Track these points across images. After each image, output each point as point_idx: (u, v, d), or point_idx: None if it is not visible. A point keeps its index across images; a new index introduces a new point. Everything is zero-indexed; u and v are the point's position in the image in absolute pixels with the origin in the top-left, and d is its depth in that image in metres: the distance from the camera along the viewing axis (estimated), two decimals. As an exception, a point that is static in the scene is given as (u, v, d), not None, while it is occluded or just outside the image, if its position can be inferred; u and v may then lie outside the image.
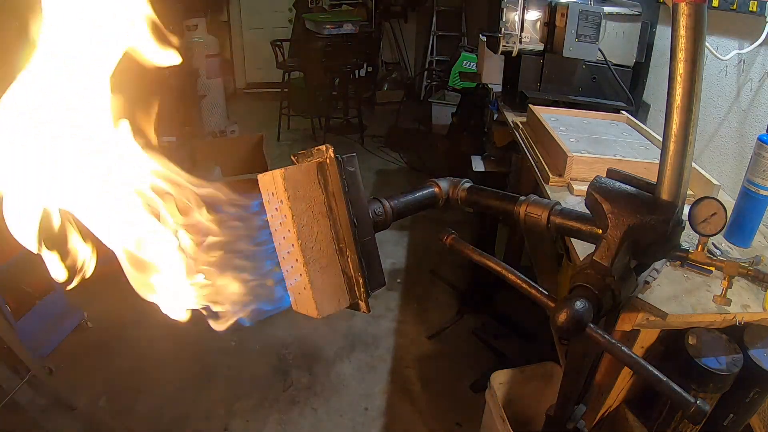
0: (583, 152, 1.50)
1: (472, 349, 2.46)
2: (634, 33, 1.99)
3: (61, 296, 2.46)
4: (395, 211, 0.77)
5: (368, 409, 2.13)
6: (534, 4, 1.96)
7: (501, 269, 0.79)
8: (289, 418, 2.07)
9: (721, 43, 1.60)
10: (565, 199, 1.42)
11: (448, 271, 3.06)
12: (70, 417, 2.03)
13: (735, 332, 1.07)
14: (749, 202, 1.17)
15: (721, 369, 1.00)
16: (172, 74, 3.98)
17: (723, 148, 1.61)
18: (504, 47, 2.01)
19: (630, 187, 0.71)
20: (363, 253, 0.66)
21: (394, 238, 3.43)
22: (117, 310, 2.67)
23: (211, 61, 4.96)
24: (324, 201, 0.65)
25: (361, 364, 2.36)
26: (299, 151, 0.67)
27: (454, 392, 2.20)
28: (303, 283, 0.63)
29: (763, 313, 1.00)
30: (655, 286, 1.03)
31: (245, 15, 6.74)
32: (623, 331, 1.08)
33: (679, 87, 0.61)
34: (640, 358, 0.64)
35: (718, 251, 1.16)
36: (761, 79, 1.43)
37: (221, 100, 5.24)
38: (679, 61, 0.60)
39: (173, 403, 2.13)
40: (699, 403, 0.60)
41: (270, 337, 2.51)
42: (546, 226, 0.76)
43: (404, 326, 2.61)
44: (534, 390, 1.74)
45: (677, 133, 0.63)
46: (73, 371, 2.27)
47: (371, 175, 4.50)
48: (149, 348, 2.43)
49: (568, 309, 0.64)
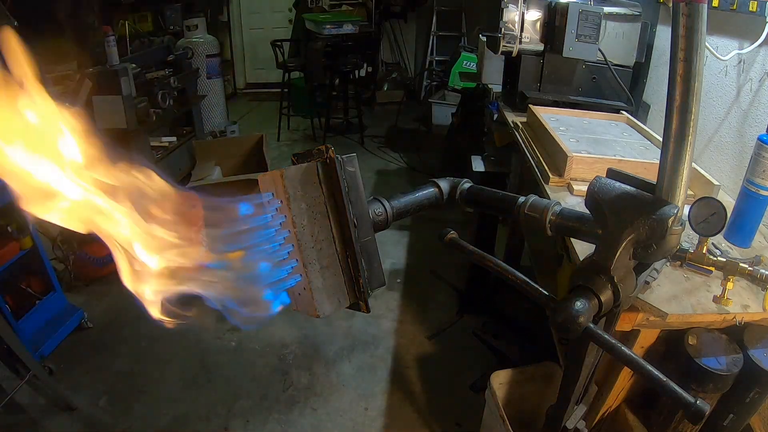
0: (583, 152, 1.50)
1: (472, 349, 2.46)
2: (634, 33, 1.99)
3: (61, 296, 2.47)
4: (395, 211, 0.77)
5: (368, 409, 2.13)
6: (534, 4, 1.96)
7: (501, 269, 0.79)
8: (289, 418, 2.07)
9: (721, 43, 1.60)
10: (565, 199, 1.42)
11: (448, 271, 3.06)
12: (70, 417, 2.03)
13: (735, 332, 1.07)
14: (749, 202, 1.17)
15: (721, 369, 1.00)
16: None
17: (723, 148, 1.61)
18: (504, 47, 2.01)
19: (630, 187, 0.71)
20: (363, 253, 0.67)
21: (394, 238, 3.43)
22: (117, 310, 2.68)
23: (211, 61, 4.96)
24: (324, 201, 0.65)
25: (361, 364, 2.36)
26: (299, 151, 0.67)
27: (454, 392, 2.20)
28: (303, 283, 0.63)
29: (763, 313, 1.00)
30: (655, 286, 1.03)
31: (245, 15, 6.74)
32: (623, 331, 1.08)
33: (679, 87, 0.61)
34: (640, 358, 0.64)
35: (718, 251, 1.16)
36: (761, 79, 1.43)
37: (221, 100, 5.24)
38: (679, 61, 0.60)
39: (173, 403, 2.13)
40: (699, 403, 0.60)
41: (270, 337, 2.51)
42: (546, 226, 0.76)
43: (404, 326, 2.61)
44: (534, 390, 1.74)
45: (677, 133, 0.63)
46: (73, 371, 2.27)
47: (371, 175, 4.50)
48: (149, 348, 2.43)
49: (568, 309, 0.64)
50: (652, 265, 0.82)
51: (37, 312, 2.30)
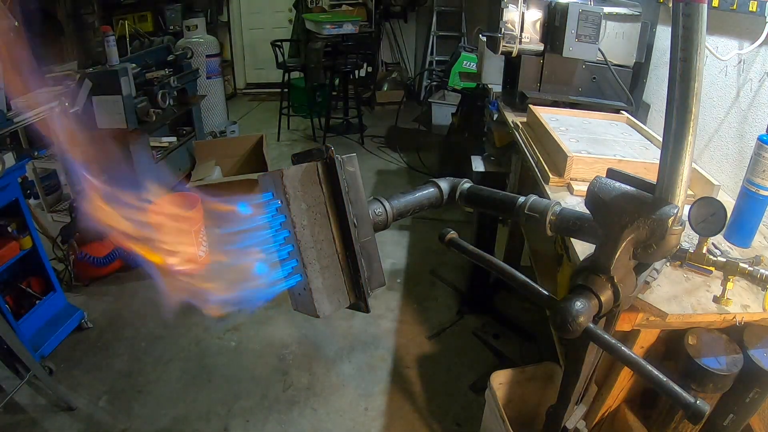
0: (583, 152, 1.50)
1: (472, 349, 2.46)
2: (634, 33, 1.98)
3: (61, 296, 2.47)
4: (395, 211, 0.77)
5: (368, 409, 2.13)
6: (534, 4, 1.96)
7: (501, 269, 0.79)
8: (289, 418, 2.07)
9: (721, 43, 1.60)
10: (565, 199, 1.42)
11: (448, 271, 3.07)
12: (70, 417, 2.03)
13: (735, 332, 1.07)
14: (749, 202, 1.17)
15: (721, 369, 1.00)
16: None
17: (723, 148, 1.61)
18: (504, 47, 2.01)
19: (630, 187, 0.71)
20: (363, 253, 0.67)
21: (394, 238, 3.43)
22: (117, 310, 2.68)
23: (211, 61, 4.96)
24: (324, 201, 0.65)
25: (361, 364, 2.36)
26: (299, 151, 0.67)
27: (454, 392, 2.20)
28: (303, 284, 0.63)
29: (763, 313, 1.00)
30: (655, 286, 1.03)
31: (245, 15, 6.74)
32: (623, 331, 1.08)
33: (678, 87, 0.61)
34: (640, 358, 0.64)
35: (718, 251, 1.16)
36: (761, 79, 1.43)
37: (221, 100, 5.24)
38: (679, 61, 0.60)
39: (173, 403, 2.13)
40: (699, 403, 0.60)
41: (270, 337, 2.51)
42: (546, 226, 0.76)
43: (404, 326, 2.61)
44: (534, 390, 1.74)
45: (677, 133, 0.63)
46: (73, 371, 2.27)
47: (371, 175, 4.50)
48: (149, 348, 2.43)
49: (568, 309, 0.64)
50: (652, 265, 0.82)
51: (37, 312, 2.30)
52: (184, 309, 2.64)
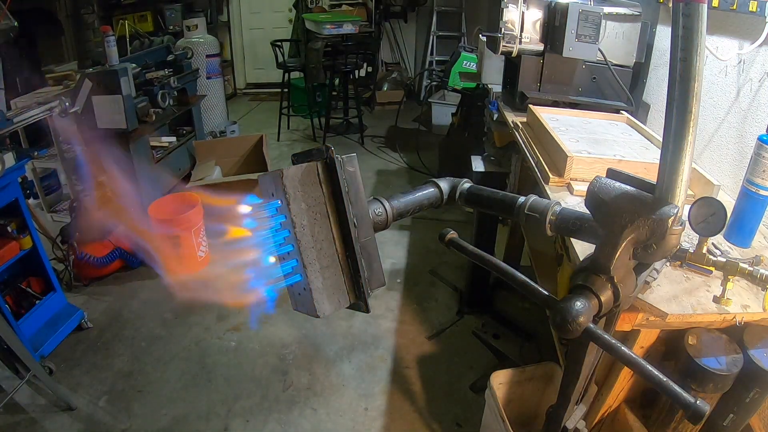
0: (583, 152, 1.50)
1: (472, 349, 2.46)
2: (634, 33, 1.98)
3: (61, 296, 2.47)
4: (395, 211, 0.77)
5: (368, 409, 2.13)
6: (534, 4, 1.96)
7: (501, 269, 0.79)
8: (289, 418, 2.07)
9: (721, 43, 1.60)
10: (565, 199, 1.42)
11: (448, 271, 3.06)
12: (70, 417, 2.03)
13: (735, 332, 1.07)
14: (749, 202, 1.17)
15: (721, 369, 1.00)
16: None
17: (723, 148, 1.61)
18: (504, 47, 2.01)
19: (630, 187, 0.71)
20: (363, 253, 0.67)
21: (394, 238, 3.43)
22: (117, 310, 2.68)
23: (211, 61, 4.96)
24: (324, 201, 0.65)
25: (361, 364, 2.36)
26: (299, 151, 0.67)
27: (454, 392, 2.20)
28: (303, 283, 0.63)
29: (763, 313, 1.00)
30: (655, 286, 1.03)
31: (245, 15, 6.75)
32: (623, 331, 1.08)
33: (678, 87, 0.61)
34: (640, 358, 0.64)
35: (718, 251, 1.16)
36: (761, 79, 1.43)
37: (221, 100, 5.24)
38: (679, 61, 0.60)
39: (173, 403, 2.13)
40: (699, 403, 0.60)
41: (270, 337, 2.51)
42: (546, 226, 0.76)
43: (404, 326, 2.61)
44: (534, 390, 1.74)
45: (677, 134, 0.63)
46: (73, 371, 2.27)
47: (371, 175, 4.50)
48: (149, 348, 2.43)
49: (568, 309, 0.64)
50: (652, 265, 0.82)
51: (37, 312, 2.30)
52: (184, 309, 2.65)
